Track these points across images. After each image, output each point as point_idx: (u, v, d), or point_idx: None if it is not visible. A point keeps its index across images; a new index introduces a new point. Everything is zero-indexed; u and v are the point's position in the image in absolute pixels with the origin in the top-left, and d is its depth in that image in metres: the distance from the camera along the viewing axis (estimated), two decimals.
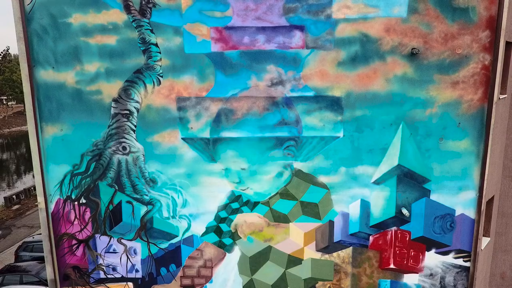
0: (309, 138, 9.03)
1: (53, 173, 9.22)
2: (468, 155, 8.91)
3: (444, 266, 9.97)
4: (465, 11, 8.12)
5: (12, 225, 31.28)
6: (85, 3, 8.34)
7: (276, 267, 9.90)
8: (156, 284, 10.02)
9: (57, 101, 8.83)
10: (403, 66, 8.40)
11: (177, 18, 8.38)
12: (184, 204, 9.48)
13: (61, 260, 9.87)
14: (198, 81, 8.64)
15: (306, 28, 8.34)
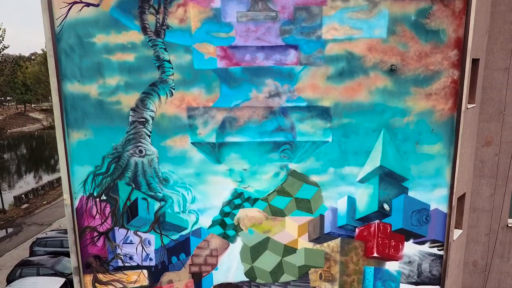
0: (302, 142, 9.59)
1: (77, 173, 9.81)
2: (440, 157, 9.56)
3: (421, 254, 10.48)
4: (437, 33, 8.89)
5: (22, 223, 31.45)
6: (107, 25, 9.05)
7: (273, 255, 10.40)
8: (167, 271, 10.49)
9: (82, 110, 9.47)
10: (384, 80, 9.09)
11: (187, 38, 9.02)
12: (193, 200, 10.01)
13: (83, 250, 10.40)
14: (206, 93, 9.26)
15: (300, 47, 8.99)
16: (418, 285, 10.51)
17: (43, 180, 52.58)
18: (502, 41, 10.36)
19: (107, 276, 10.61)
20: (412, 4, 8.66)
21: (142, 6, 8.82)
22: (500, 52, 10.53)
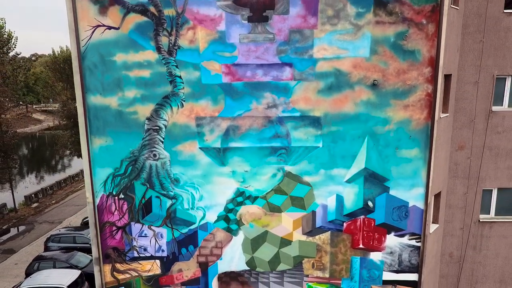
0: (296, 147, 10.45)
1: (98, 174, 10.65)
2: (417, 160, 10.43)
3: (401, 246, 11.30)
4: (413, 53, 9.78)
5: (34, 221, 32.04)
6: (126, 45, 9.93)
7: (271, 247, 11.24)
8: (177, 261, 11.32)
9: (103, 120, 10.32)
10: (367, 93, 9.99)
11: (196, 57, 9.87)
12: (200, 198, 10.85)
13: (103, 243, 11.21)
14: (212, 104, 10.11)
15: (294, 65, 9.84)
16: (399, 273, 11.37)
17: (45, 180, 52.95)
18: (472, 58, 11.29)
19: (124, 265, 11.44)
20: (391, 28, 9.62)
21: (157, 29, 9.77)
22: (470, 68, 11.46)
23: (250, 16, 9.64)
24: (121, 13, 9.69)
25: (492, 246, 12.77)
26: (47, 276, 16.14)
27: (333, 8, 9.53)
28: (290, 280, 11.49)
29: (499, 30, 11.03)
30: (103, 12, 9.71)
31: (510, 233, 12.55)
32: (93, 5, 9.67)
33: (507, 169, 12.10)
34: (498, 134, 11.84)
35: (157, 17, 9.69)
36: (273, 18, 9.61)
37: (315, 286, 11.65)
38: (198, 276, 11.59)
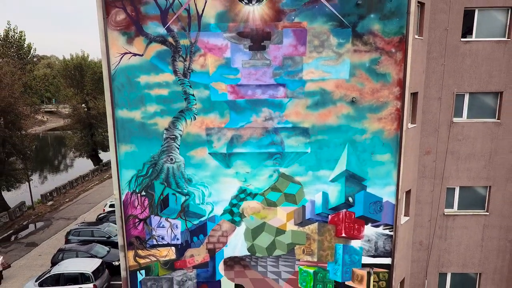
0: (289, 153, 11.68)
1: (124, 175, 11.81)
2: (389, 164, 11.66)
3: (377, 234, 12.44)
4: (384, 75, 11.03)
5: (51, 217, 32.80)
6: (148, 69, 11.17)
7: (268, 235, 12.40)
8: (190, 248, 12.43)
9: (129, 130, 11.49)
10: (347, 109, 11.21)
11: (206, 79, 11.11)
12: (209, 195, 12.04)
13: (127, 232, 12.33)
14: (219, 117, 11.36)
15: (286, 85, 11.10)
16: (375, 257, 12.55)
17: (53, 179, 52.89)
18: (435, 78, 12.65)
19: (145, 251, 12.58)
20: (366, 55, 10.94)
21: (174, 56, 11.11)
22: (434, 86, 12.81)
23: (250, 46, 10.97)
24: (145, 42, 11.02)
25: (455, 235, 14.08)
26: (73, 264, 17.36)
27: (318, 39, 10.92)
28: (284, 263, 12.73)
29: (457, 55, 12.39)
30: (130, 42, 11.05)
31: (470, 224, 13.86)
32: (122, 36, 11.05)
33: (466, 171, 13.45)
34: (459, 141, 13.17)
35: (174, 46, 11.04)
36: (269, 47, 10.94)
37: (305, 268, 12.81)
38: (207, 261, 12.70)
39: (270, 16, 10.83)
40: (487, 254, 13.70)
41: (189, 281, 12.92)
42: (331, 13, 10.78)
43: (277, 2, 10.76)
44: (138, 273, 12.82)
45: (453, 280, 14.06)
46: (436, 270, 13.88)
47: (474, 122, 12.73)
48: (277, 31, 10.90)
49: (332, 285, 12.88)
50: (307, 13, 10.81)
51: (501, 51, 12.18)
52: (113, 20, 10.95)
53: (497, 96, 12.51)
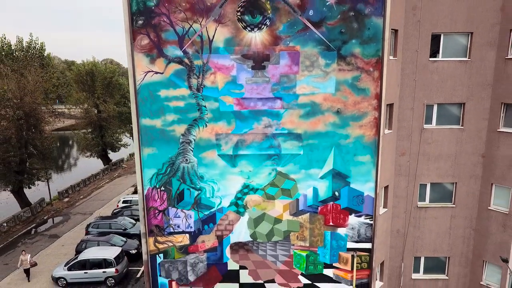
0: (285, 154, 13.02)
1: (147, 173, 13.17)
2: (369, 164, 13.02)
3: (359, 223, 13.73)
4: (364, 90, 12.39)
5: (68, 212, 33.78)
6: (167, 85, 12.49)
7: (268, 224, 13.68)
8: (201, 235, 13.72)
9: (151, 135, 12.86)
10: (334, 118, 12.62)
11: (216, 93, 12.50)
12: (218, 190, 13.33)
13: (149, 222, 13.64)
14: (227, 125, 12.73)
15: (283, 98, 12.49)
16: (358, 242, 13.83)
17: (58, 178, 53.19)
18: (408, 92, 14.11)
19: (163, 238, 13.87)
20: (349, 73, 12.32)
21: (189, 74, 12.55)
22: (407, 98, 14.30)
23: (253, 65, 12.39)
24: (165, 63, 12.43)
25: (427, 225, 15.50)
26: (96, 252, 18.76)
27: (309, 60, 12.34)
28: (281, 248, 14.03)
29: (426, 72, 13.76)
30: (152, 62, 12.46)
31: (440, 215, 15.26)
32: (145, 57, 12.47)
33: (436, 169, 14.88)
34: (429, 144, 14.56)
35: (189, 66, 12.45)
36: (268, 67, 12.35)
37: (299, 252, 14.06)
38: (216, 245, 13.98)
39: (269, 41, 12.30)
40: (454, 241, 15.24)
41: (201, 263, 14.22)
42: (319, 38, 12.27)
43: (275, 29, 12.29)
44: (157, 257, 14.13)
45: (426, 263, 15.60)
46: (411, 254, 15.41)
47: (442, 128, 14.22)
48: (275, 54, 12.36)
49: (322, 266, 14.21)
50: (299, 39, 12.29)
51: (463, 69, 13.65)
52: (139, 44, 12.42)
53: (461, 106, 14.05)
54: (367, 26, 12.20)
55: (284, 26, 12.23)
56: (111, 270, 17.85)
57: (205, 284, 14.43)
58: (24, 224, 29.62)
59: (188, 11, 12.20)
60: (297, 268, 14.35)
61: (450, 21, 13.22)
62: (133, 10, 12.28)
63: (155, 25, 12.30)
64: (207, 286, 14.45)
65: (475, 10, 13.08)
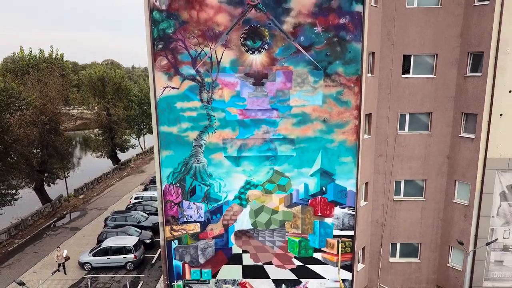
0: (280, 156, 14.58)
1: (164, 172, 14.70)
2: (351, 164, 14.62)
3: (343, 214, 15.25)
4: (346, 102, 13.99)
5: (85, 208, 34.69)
6: (182, 98, 14.03)
7: (266, 214, 15.19)
8: (210, 224, 15.23)
9: (168, 140, 14.40)
10: (321, 125, 14.21)
11: (223, 105, 14.08)
12: (224, 186, 14.86)
13: (166, 212, 15.17)
14: (232, 131, 14.29)
15: (278, 109, 14.08)
16: (342, 230, 15.37)
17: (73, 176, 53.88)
18: (384, 103, 15.73)
19: (178, 227, 15.40)
20: (334, 89, 13.95)
21: (200, 89, 14.14)
22: (384, 109, 15.87)
23: (254, 82, 14.03)
24: (180, 80, 14.04)
25: (402, 215, 16.93)
26: (117, 240, 20.41)
27: (300, 78, 13.97)
28: (277, 235, 15.56)
29: (399, 87, 15.31)
30: (170, 79, 14.06)
31: (412, 207, 16.83)
32: (164, 75, 14.05)
33: (408, 169, 16.46)
34: (402, 147, 16.00)
35: (201, 82, 14.09)
36: (266, 83, 13.99)
37: (292, 238, 15.57)
38: (222, 233, 15.48)
39: (267, 62, 13.99)
40: (425, 229, 16.98)
41: (209, 248, 15.79)
42: (309, 60, 13.98)
43: (272, 52, 14.02)
44: (173, 242, 15.69)
45: (401, 248, 17.33)
46: (389, 241, 17.12)
47: (413, 133, 15.86)
48: (272, 72, 14.05)
49: (312, 251, 15.79)
50: (292, 60, 13.99)
51: (430, 84, 15.30)
52: (159, 64, 14.10)
53: (429, 115, 15.79)
54: (348, 49, 13.93)
55: (279, 49, 13.93)
56: (130, 256, 19.57)
57: (213, 266, 16.02)
58: (46, 218, 31.20)
59: (200, 37, 13.88)
60: (291, 252, 15.89)
61: (419, 44, 15.01)
62: (154, 36, 13.98)
63: (172, 49, 13.96)
64: (215, 267, 16.04)
65: (439, 35, 14.87)
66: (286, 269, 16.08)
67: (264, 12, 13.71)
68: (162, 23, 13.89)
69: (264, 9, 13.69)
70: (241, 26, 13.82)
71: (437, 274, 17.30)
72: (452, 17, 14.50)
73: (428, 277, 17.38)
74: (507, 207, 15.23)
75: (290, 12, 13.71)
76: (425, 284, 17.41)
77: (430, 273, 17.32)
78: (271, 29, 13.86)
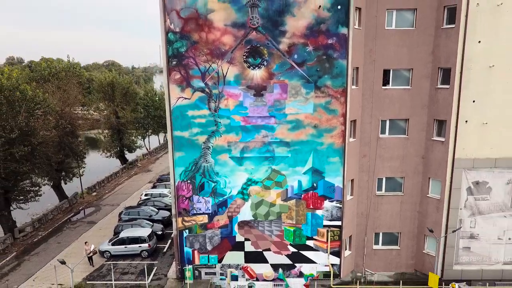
0: (278, 156, 16.05)
1: (177, 170, 16.21)
2: (338, 163, 16.15)
3: (332, 206, 16.78)
4: (334, 111, 15.56)
5: (99, 204, 35.87)
6: (193, 107, 15.61)
7: (265, 207, 16.66)
8: (217, 215, 16.72)
9: (180, 143, 15.90)
10: (312, 130, 15.70)
11: (228, 113, 15.54)
12: (229, 182, 16.34)
13: (178, 206, 16.68)
14: (235, 135, 15.76)
15: (276, 117, 15.60)
16: (331, 221, 16.93)
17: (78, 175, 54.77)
18: (368, 111, 17.24)
19: (188, 218, 16.96)
20: (323, 99, 15.55)
21: (209, 99, 15.84)
22: (367, 115, 17.38)
23: (254, 93, 15.58)
24: (191, 91, 15.61)
25: (383, 208, 18.39)
26: (133, 231, 22.05)
27: (294, 90, 15.54)
28: (275, 224, 17.08)
29: (380, 97, 16.70)
30: (182, 91, 15.64)
31: (393, 201, 18.32)
32: (177, 87, 15.70)
33: (389, 167, 17.94)
34: (383, 149, 17.35)
35: (209, 94, 15.65)
36: (265, 94, 15.54)
37: (288, 228, 17.08)
38: (227, 223, 17.00)
39: (266, 76, 15.59)
40: (404, 220, 18.58)
41: (216, 236, 17.33)
42: (302, 74, 15.61)
43: (270, 68, 15.66)
44: (184, 232, 17.26)
45: (383, 237, 18.90)
46: (372, 231, 18.70)
47: (393, 137, 17.29)
48: (270, 85, 15.62)
49: (305, 239, 17.33)
50: (287, 75, 15.61)
51: (406, 94, 16.76)
52: (173, 78, 15.78)
53: (406, 121, 17.35)
54: (336, 65, 15.61)
55: (276, 65, 15.53)
56: (145, 245, 21.15)
57: (219, 252, 17.61)
58: (64, 213, 32.80)
59: (208, 55, 15.55)
60: (287, 240, 17.41)
61: (396, 60, 16.65)
62: (169, 54, 15.63)
63: (184, 65, 15.56)
64: (221, 254, 17.63)
65: (414, 53, 16.52)
66: (282, 255, 17.62)
67: (263, 33, 15.38)
68: (176, 43, 15.55)
69: (263, 31, 15.36)
70: (244, 45, 15.44)
71: (414, 260, 18.98)
72: (424, 38, 16.20)
73: (407, 262, 19.05)
74: (472, 200, 16.96)
75: (285, 34, 15.38)
76: (404, 268, 19.10)
77: (409, 258, 18.99)
78: (269, 48, 15.50)
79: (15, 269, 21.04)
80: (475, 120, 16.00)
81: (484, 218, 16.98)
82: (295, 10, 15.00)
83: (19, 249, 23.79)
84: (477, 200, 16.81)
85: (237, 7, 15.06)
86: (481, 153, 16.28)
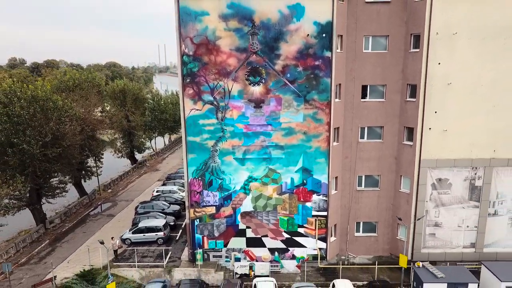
0: (274, 157, 17.94)
1: (190, 169, 18.17)
2: (324, 163, 18.02)
3: (319, 199, 18.61)
4: (320, 120, 17.72)
5: (115, 200, 37.65)
6: (204, 117, 17.91)
7: (264, 200, 18.54)
8: (223, 207, 18.59)
9: (192, 146, 17.82)
10: (302, 136, 17.60)
11: (232, 121, 17.48)
12: (233, 179, 18.25)
13: (191, 199, 18.58)
14: (239, 140, 17.67)
15: (272, 125, 17.59)
16: (319, 211, 18.77)
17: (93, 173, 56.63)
18: (349, 119, 19.37)
19: (199, 209, 18.88)
20: (311, 110, 17.60)
21: (217, 111, 18.08)
22: (349, 123, 19.54)
23: (254, 106, 17.54)
24: (202, 104, 17.66)
25: (363, 202, 20.33)
26: (150, 222, 24.37)
27: (287, 103, 17.65)
28: (271, 215, 19.00)
29: (359, 108, 18.66)
30: (195, 103, 17.68)
31: (371, 195, 20.28)
32: (191, 100, 17.90)
33: (367, 167, 19.92)
34: (362, 152, 19.33)
35: (217, 106, 17.74)
36: (263, 107, 17.49)
37: (282, 217, 19.01)
38: (231, 214, 18.93)
39: (263, 91, 17.64)
40: (380, 211, 20.79)
41: (222, 225, 19.29)
42: (293, 90, 17.72)
43: (267, 85, 17.81)
44: (195, 221, 19.20)
45: (363, 226, 21.03)
46: (354, 220, 20.85)
47: (370, 141, 19.36)
48: (267, 99, 17.62)
49: (297, 226, 19.27)
50: (281, 90, 17.70)
51: (381, 106, 18.87)
52: (187, 93, 17.93)
53: (381, 128, 19.56)
54: (321, 82, 17.80)
55: (272, 83, 17.62)
56: (160, 234, 23.41)
57: (225, 238, 19.61)
58: (85, 207, 35.07)
59: (216, 74, 17.68)
60: (282, 227, 19.37)
61: (372, 77, 18.88)
62: (184, 73, 17.90)
63: (197, 82, 17.67)
64: (226, 239, 19.64)
65: (387, 71, 18.79)
66: (278, 240, 19.57)
67: (262, 56, 17.68)
68: (190, 64, 17.83)
69: (262, 55, 17.65)
70: (246, 66, 17.64)
71: (390, 245, 21.25)
72: (395, 59, 18.53)
73: (384, 247, 21.31)
74: (436, 194, 19.29)
75: (280, 57, 17.64)
76: (381, 252, 21.36)
77: (385, 244, 21.27)
78: (267, 68, 17.71)
79: (50, 253, 23.26)
80: (437, 127, 18.30)
81: (446, 209, 19.29)
82: (288, 38, 17.30)
83: (51, 238, 26.01)
84: (440, 194, 19.15)
85: (240, 35, 17.35)
86: (442, 155, 18.57)
